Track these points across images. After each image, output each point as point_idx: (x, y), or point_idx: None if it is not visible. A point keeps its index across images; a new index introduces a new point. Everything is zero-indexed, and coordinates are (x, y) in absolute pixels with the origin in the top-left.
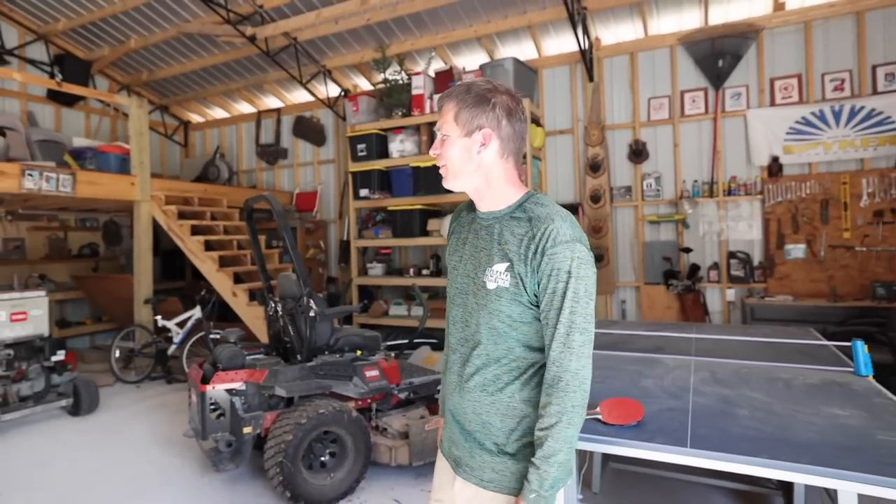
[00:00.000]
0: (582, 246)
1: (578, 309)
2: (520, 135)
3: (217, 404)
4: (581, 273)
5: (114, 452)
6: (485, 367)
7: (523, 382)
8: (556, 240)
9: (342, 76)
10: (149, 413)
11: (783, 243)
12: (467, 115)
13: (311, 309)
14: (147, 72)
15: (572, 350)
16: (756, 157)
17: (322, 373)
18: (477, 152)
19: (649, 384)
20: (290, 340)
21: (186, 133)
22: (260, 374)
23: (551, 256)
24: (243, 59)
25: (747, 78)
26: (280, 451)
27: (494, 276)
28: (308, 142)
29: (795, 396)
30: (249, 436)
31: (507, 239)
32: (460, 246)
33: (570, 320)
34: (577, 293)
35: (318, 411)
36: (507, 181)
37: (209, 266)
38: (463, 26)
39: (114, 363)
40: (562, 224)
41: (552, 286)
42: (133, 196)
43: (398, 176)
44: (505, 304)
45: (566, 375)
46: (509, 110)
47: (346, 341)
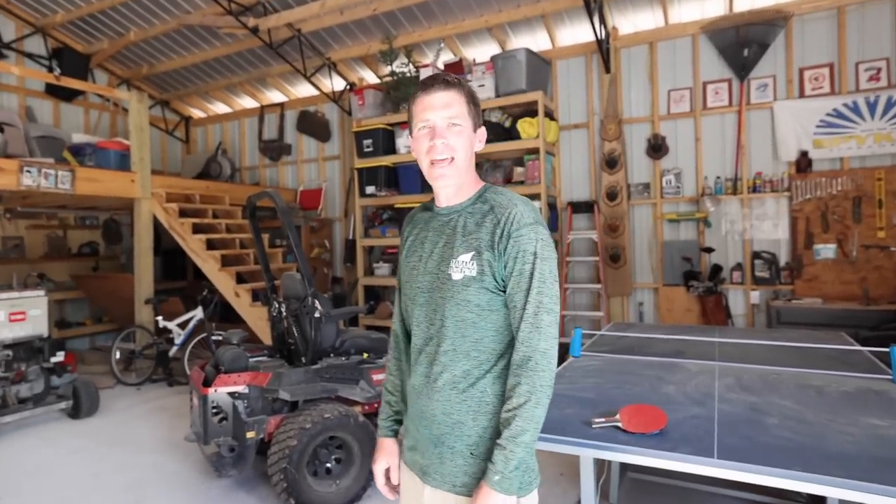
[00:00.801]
0: (544, 229)
1: (545, 289)
2: None
3: (219, 408)
4: (545, 254)
5: (114, 457)
6: (453, 364)
7: (495, 376)
8: (521, 223)
9: (347, 69)
10: (149, 416)
11: (812, 243)
12: (473, 111)
13: (316, 310)
14: (147, 65)
15: (541, 330)
16: (783, 151)
17: (328, 376)
18: (475, 146)
19: (671, 390)
20: (294, 342)
21: (188, 128)
22: (263, 377)
23: (517, 239)
24: (245, 52)
25: (774, 68)
26: (284, 457)
27: (460, 266)
28: (312, 137)
29: (829, 405)
30: (252, 441)
31: (470, 229)
32: (419, 246)
33: (537, 301)
34: (542, 274)
35: (323, 416)
36: (473, 173)
37: (211, 265)
38: (473, 16)
39: (114, 365)
40: (524, 208)
41: (518, 268)
42: (133, 193)
43: (406, 172)
44: (472, 293)
45: (535, 355)
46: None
47: (353, 343)
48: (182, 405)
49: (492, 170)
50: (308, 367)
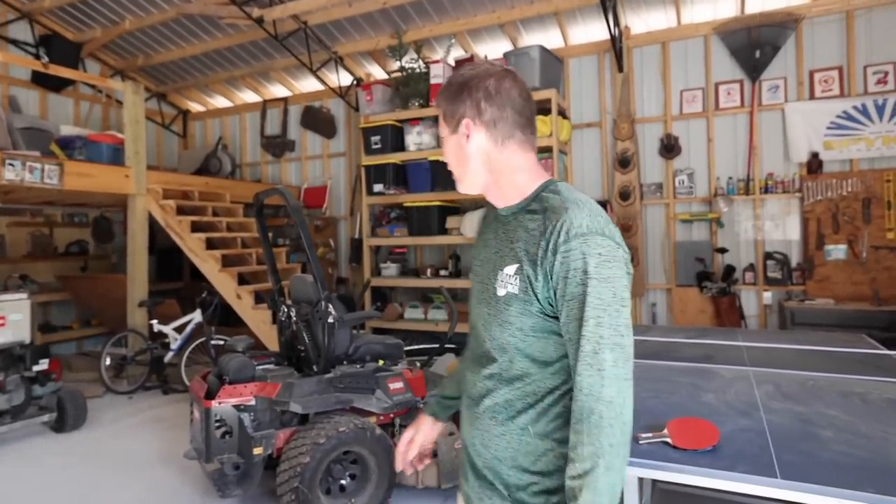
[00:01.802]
0: (604, 239)
1: (605, 319)
2: (515, 114)
3: (223, 422)
4: (604, 273)
5: (103, 474)
6: (495, 390)
7: (540, 412)
8: (570, 233)
9: (355, 64)
10: (143, 428)
11: (823, 244)
12: (450, 109)
13: (329, 314)
14: (143, 56)
15: (603, 373)
16: (794, 153)
17: (342, 385)
18: (465, 146)
19: (711, 399)
20: (304, 349)
21: (185, 123)
22: (272, 388)
23: (565, 255)
24: (248, 44)
25: (785, 70)
26: (296, 476)
27: (504, 280)
28: (317, 133)
29: (878, 414)
30: (260, 457)
31: (519, 236)
32: (482, 248)
33: (595, 334)
34: (601, 299)
35: (338, 429)
36: (516, 170)
37: (211, 266)
38: (485, 12)
39: (104, 372)
40: (577, 213)
41: (569, 292)
42: (127, 189)
43: (415, 170)
44: (514, 314)
45: (598, 406)
46: (488, 92)
47: (367, 350)
48: (179, 415)
49: None
50: (321, 377)
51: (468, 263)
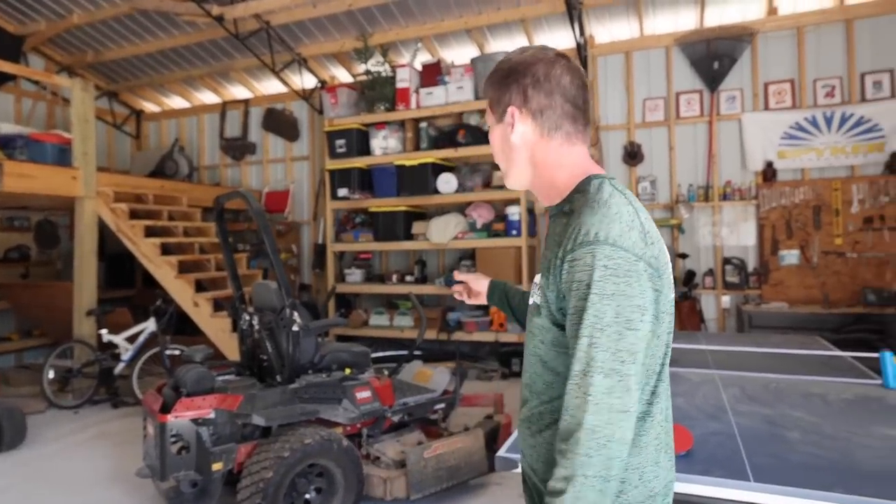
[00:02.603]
0: (614, 249)
1: (602, 340)
2: (565, 102)
3: (180, 436)
4: (607, 288)
5: (46, 496)
6: (529, 401)
7: None
8: (577, 240)
9: (319, 66)
10: (91, 445)
11: (777, 249)
12: (495, 97)
13: (294, 322)
14: (93, 52)
15: (588, 398)
16: (751, 161)
17: (307, 396)
18: (509, 136)
19: (681, 402)
20: (267, 358)
21: (139, 123)
22: (233, 400)
23: (571, 264)
24: (207, 43)
25: (742, 81)
26: (258, 491)
27: (534, 289)
28: (279, 136)
29: (838, 415)
30: (219, 473)
31: (550, 241)
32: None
33: (587, 355)
34: (599, 317)
35: (303, 442)
36: (558, 165)
37: (166, 272)
38: (452, 17)
39: (46, 385)
40: (588, 219)
41: (572, 305)
42: (75, 192)
43: (381, 175)
44: (538, 326)
45: (578, 432)
46: (536, 78)
47: (333, 358)
48: (130, 430)
49: (470, 173)
50: (285, 387)
51: (433, 269)
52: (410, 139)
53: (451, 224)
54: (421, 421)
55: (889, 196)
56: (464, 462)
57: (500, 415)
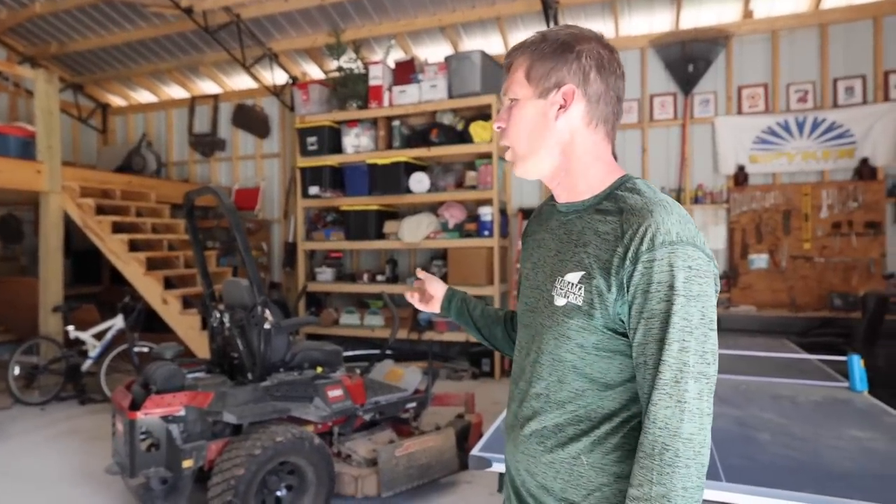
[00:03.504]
0: (696, 250)
1: (692, 343)
2: (615, 95)
3: (150, 434)
4: (693, 290)
5: (12, 492)
6: (544, 412)
7: (595, 441)
8: (656, 240)
9: (290, 62)
10: (57, 441)
11: (747, 253)
12: (543, 69)
13: (265, 320)
14: (57, 43)
15: (684, 406)
16: (723, 165)
17: (278, 394)
18: (555, 118)
19: None
20: (238, 356)
21: (105, 117)
22: (204, 398)
23: (648, 265)
24: (175, 36)
25: (716, 85)
26: (229, 489)
27: (565, 288)
28: (250, 133)
29: (808, 416)
30: (190, 470)
31: (587, 239)
32: (535, 249)
33: (679, 360)
34: (688, 320)
35: (274, 439)
36: (596, 159)
37: (134, 269)
38: (426, 14)
39: (12, 382)
40: (665, 218)
41: (650, 308)
42: (39, 186)
43: (352, 173)
44: (574, 329)
45: (675, 443)
46: (600, 60)
47: (305, 356)
48: (98, 426)
49: (443, 173)
50: (256, 385)
51: (405, 269)
52: (383, 137)
53: (423, 224)
54: (392, 420)
55: (857, 202)
56: (435, 460)
57: (471, 414)
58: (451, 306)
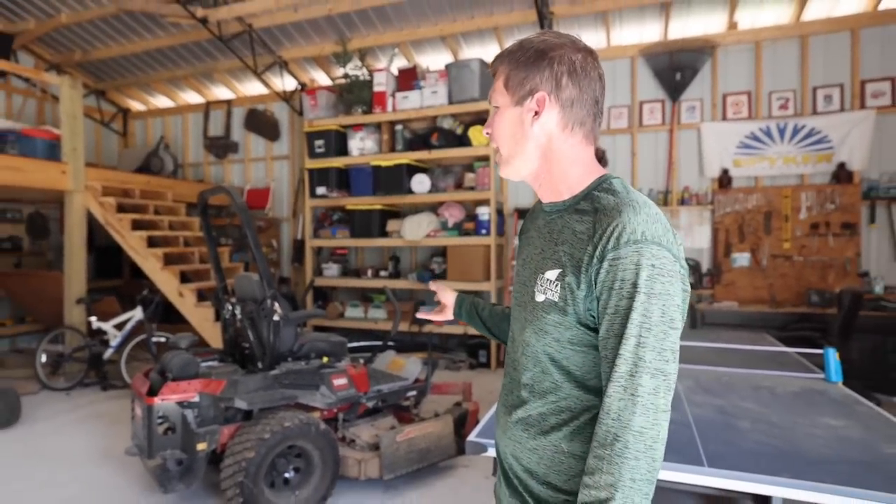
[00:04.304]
0: (660, 249)
1: (649, 340)
2: (590, 98)
3: (166, 418)
4: (655, 288)
5: (40, 471)
6: (529, 402)
7: (574, 430)
8: (621, 239)
9: (299, 69)
10: (82, 424)
11: (730, 252)
12: (518, 77)
13: (275, 312)
14: (81, 51)
15: (637, 399)
16: (708, 168)
17: (287, 382)
18: (531, 124)
19: None
20: (249, 346)
21: (125, 121)
22: (217, 385)
23: (613, 262)
24: (192, 44)
25: (702, 92)
26: (240, 470)
27: (544, 285)
28: (261, 136)
29: (786, 406)
30: (204, 452)
31: (564, 238)
32: (525, 247)
33: (635, 355)
34: (647, 316)
35: (283, 424)
36: (573, 161)
37: (152, 264)
38: (428, 24)
39: (39, 369)
40: (632, 217)
41: (613, 304)
42: (64, 185)
43: (357, 175)
44: (551, 324)
45: (626, 435)
46: (572, 66)
47: (311, 347)
48: (118, 411)
49: (443, 175)
50: (266, 373)
51: (406, 265)
52: (386, 141)
53: (423, 223)
54: (394, 407)
55: (834, 204)
56: (434, 445)
57: (468, 402)
58: (461, 311)
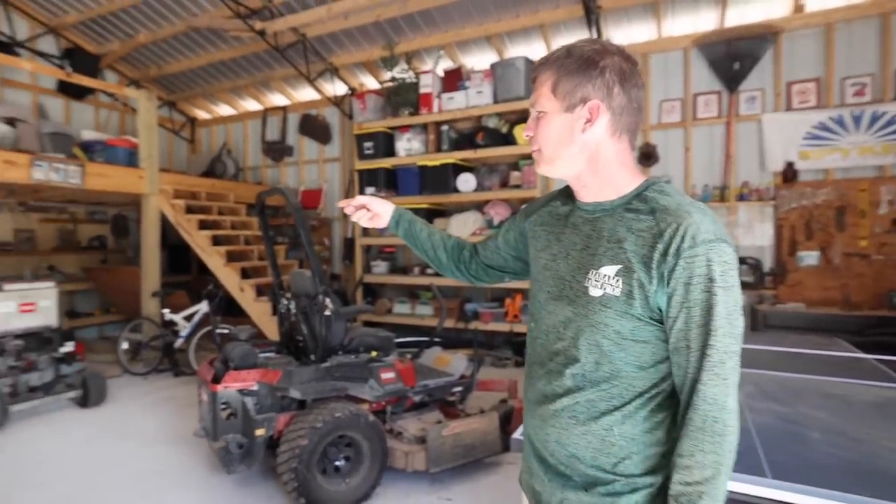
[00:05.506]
0: (728, 247)
1: (730, 328)
2: (637, 105)
3: (228, 404)
4: (729, 281)
5: (121, 448)
6: (578, 390)
7: (626, 415)
8: (696, 238)
9: (349, 74)
10: (157, 407)
11: (795, 250)
12: (569, 85)
13: (326, 307)
14: (155, 67)
15: (728, 382)
16: (770, 162)
17: (337, 374)
18: (581, 131)
19: None
20: (303, 339)
21: (193, 129)
22: (273, 375)
23: (690, 260)
24: (251, 55)
25: (763, 81)
26: (294, 456)
27: (601, 280)
28: (314, 139)
29: (862, 416)
30: (261, 438)
31: (621, 236)
32: (553, 243)
33: (723, 344)
34: (727, 307)
35: (334, 415)
36: (620, 165)
37: (216, 261)
38: (473, 24)
39: (121, 355)
40: (702, 218)
41: (692, 298)
42: (141, 189)
43: (405, 175)
44: (612, 317)
45: (723, 415)
46: (623, 74)
47: (361, 341)
48: (188, 396)
49: (488, 173)
50: (318, 365)
51: None
52: (432, 141)
53: (469, 221)
54: (440, 402)
55: None
56: (479, 441)
57: (514, 399)
58: (398, 226)
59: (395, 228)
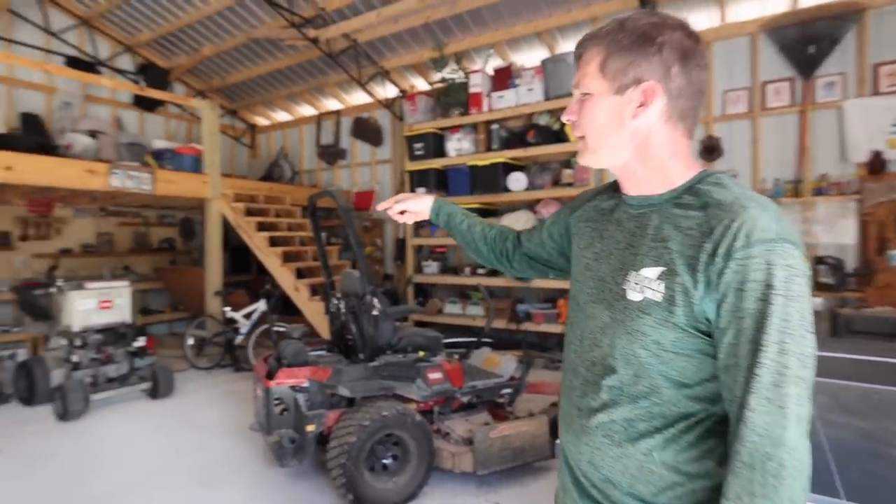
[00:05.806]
0: (794, 248)
1: (791, 346)
2: (697, 89)
3: (281, 400)
4: (793, 290)
5: (187, 437)
6: (614, 405)
7: (668, 439)
8: (752, 237)
9: (399, 77)
10: (219, 400)
11: (886, 248)
12: (620, 62)
13: (374, 307)
14: (219, 78)
15: (786, 412)
16: (853, 152)
17: (385, 373)
18: (633, 116)
19: None
20: (352, 338)
21: (253, 136)
22: (324, 373)
23: (743, 262)
24: (305, 63)
25: (844, 65)
26: (343, 453)
27: (640, 283)
28: (366, 142)
29: None
30: (312, 434)
31: (667, 234)
32: (596, 240)
33: (778, 363)
34: (787, 320)
35: (381, 413)
36: (672, 155)
37: (273, 261)
38: (522, 22)
39: (187, 350)
40: (761, 214)
41: (744, 307)
42: (205, 194)
43: (455, 175)
44: (651, 325)
45: (779, 452)
46: (684, 52)
47: (409, 341)
48: (248, 390)
49: (539, 172)
50: (366, 364)
51: None
52: (482, 140)
53: (520, 220)
54: (488, 403)
55: None
56: (528, 445)
57: None
58: (438, 217)
59: (436, 220)
